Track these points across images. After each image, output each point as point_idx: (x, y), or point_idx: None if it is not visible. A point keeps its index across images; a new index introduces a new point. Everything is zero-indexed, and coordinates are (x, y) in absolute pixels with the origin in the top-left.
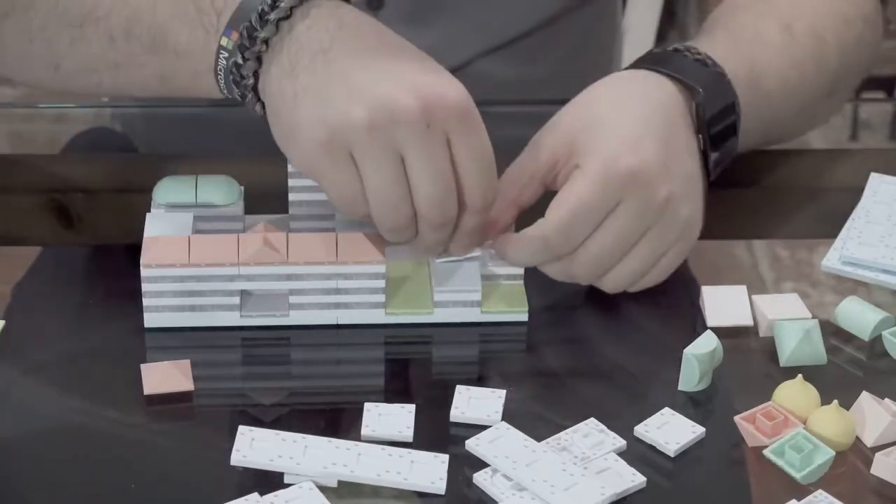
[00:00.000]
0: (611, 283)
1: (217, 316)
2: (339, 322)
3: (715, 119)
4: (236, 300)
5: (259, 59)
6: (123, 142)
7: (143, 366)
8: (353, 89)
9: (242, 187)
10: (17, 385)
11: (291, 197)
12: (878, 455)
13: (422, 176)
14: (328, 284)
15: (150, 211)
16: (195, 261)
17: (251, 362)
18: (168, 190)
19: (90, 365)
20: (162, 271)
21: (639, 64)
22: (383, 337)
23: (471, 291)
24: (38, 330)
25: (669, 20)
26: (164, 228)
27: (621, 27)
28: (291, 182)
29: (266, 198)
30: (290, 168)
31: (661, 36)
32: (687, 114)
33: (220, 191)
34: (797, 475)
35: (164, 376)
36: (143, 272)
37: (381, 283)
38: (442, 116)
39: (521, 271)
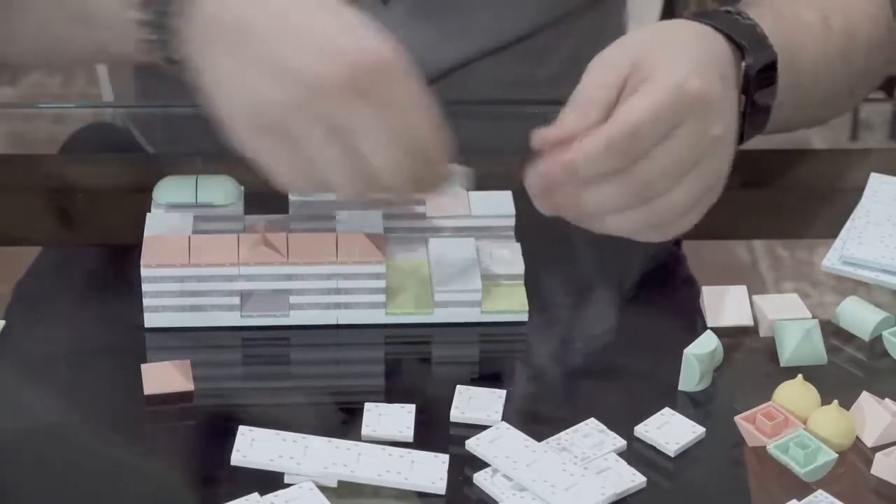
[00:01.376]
0: (655, 216)
1: (217, 316)
2: (339, 322)
3: (756, 83)
4: (236, 300)
5: (169, 35)
6: (123, 142)
7: (143, 366)
8: (271, 66)
9: (242, 187)
10: (17, 385)
11: (292, 197)
12: (878, 455)
13: (369, 148)
14: (328, 284)
15: (150, 211)
16: (195, 261)
17: (251, 362)
18: (168, 190)
19: (90, 365)
20: (162, 271)
21: (688, 17)
22: (383, 337)
23: (471, 292)
24: (38, 330)
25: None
26: (164, 228)
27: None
28: None
29: (266, 198)
30: None
31: None
32: (734, 70)
33: (220, 191)
34: (801, 471)
35: (164, 376)
36: (144, 272)
37: (382, 284)
38: (368, 80)
39: (521, 271)
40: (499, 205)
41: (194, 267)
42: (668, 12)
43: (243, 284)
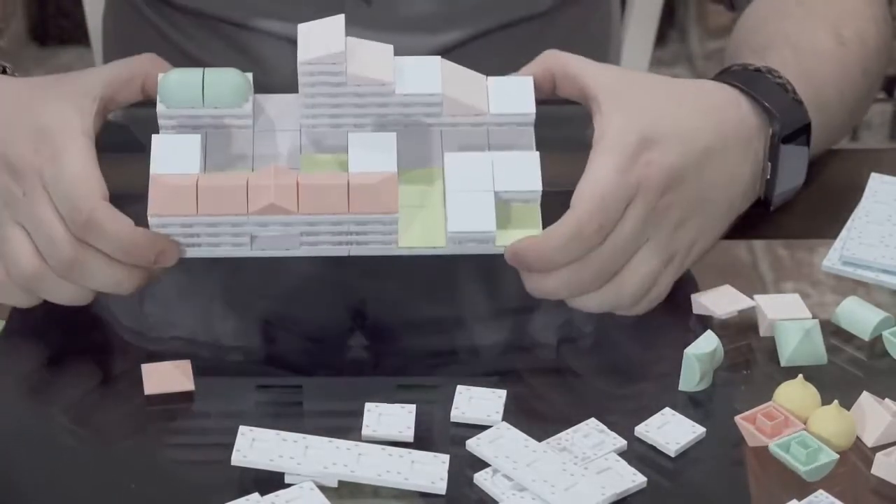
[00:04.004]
0: (617, 295)
1: (227, 250)
2: (351, 254)
3: (788, 147)
4: (246, 239)
5: None
6: (124, 141)
7: (143, 366)
8: None
9: (251, 81)
10: (18, 385)
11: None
12: (878, 455)
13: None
14: (340, 229)
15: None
16: (203, 211)
17: (251, 362)
18: (173, 88)
19: (90, 365)
20: (170, 219)
21: (719, 77)
22: (384, 337)
23: (485, 233)
24: (38, 330)
25: (669, 20)
26: (171, 157)
27: (619, 27)
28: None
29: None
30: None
31: (662, 36)
32: (751, 144)
33: (228, 88)
34: (802, 469)
35: (164, 376)
36: (151, 221)
37: (394, 230)
38: (29, 175)
39: (537, 188)
40: (519, 99)
41: (198, 216)
42: (669, 12)
43: (253, 230)
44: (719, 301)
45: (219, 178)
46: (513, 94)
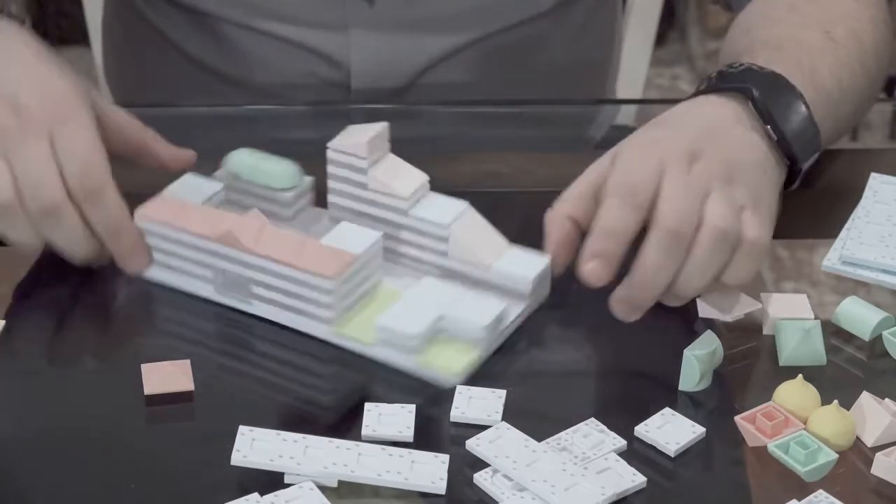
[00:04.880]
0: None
1: (194, 283)
2: (292, 327)
3: (779, 111)
4: (209, 273)
5: None
6: None
7: (143, 366)
8: None
9: (308, 178)
10: (18, 385)
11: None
12: (878, 455)
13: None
14: (285, 285)
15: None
16: (178, 224)
17: (251, 362)
18: (237, 158)
19: (90, 365)
20: (150, 225)
21: (697, 92)
22: None
23: (413, 329)
24: (38, 330)
25: (669, 20)
26: (187, 189)
27: (622, 25)
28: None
29: None
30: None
31: (661, 36)
32: (744, 117)
33: (279, 175)
34: (801, 469)
35: (164, 376)
36: (136, 217)
37: (330, 299)
38: (35, 121)
39: (481, 337)
40: (526, 267)
41: (174, 229)
42: (669, 12)
43: (214, 260)
44: (725, 304)
45: (207, 207)
46: (522, 263)
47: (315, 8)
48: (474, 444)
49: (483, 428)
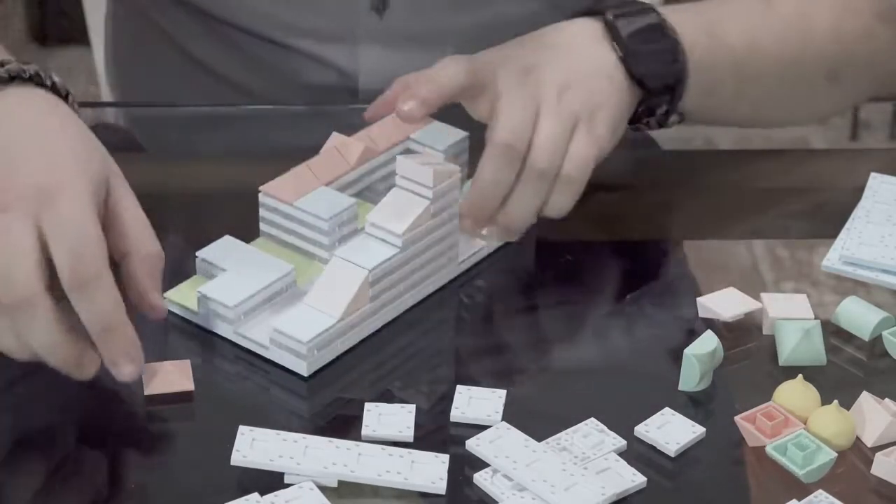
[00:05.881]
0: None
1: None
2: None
3: (629, 33)
4: None
5: None
6: (124, 141)
7: (143, 366)
8: None
9: None
10: (18, 385)
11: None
12: (878, 455)
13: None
14: None
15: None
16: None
17: (251, 362)
18: None
19: None
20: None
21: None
22: (383, 336)
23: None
24: None
25: None
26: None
27: None
28: None
29: None
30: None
31: None
32: (599, 37)
33: None
34: (799, 472)
35: (164, 376)
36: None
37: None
38: (18, 201)
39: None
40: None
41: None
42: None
43: None
44: (725, 304)
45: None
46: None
47: (325, 19)
48: (474, 444)
49: (483, 428)
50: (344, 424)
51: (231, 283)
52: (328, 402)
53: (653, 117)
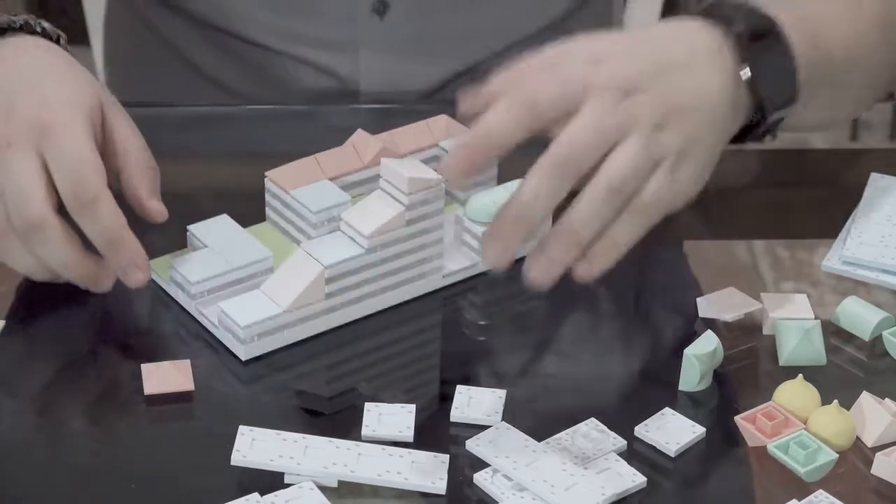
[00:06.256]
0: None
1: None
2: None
3: (758, 53)
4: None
5: None
6: None
7: (143, 366)
8: None
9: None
10: (18, 385)
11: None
12: (878, 455)
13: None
14: None
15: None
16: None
17: (251, 362)
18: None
19: (90, 365)
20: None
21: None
22: (383, 336)
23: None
24: (38, 330)
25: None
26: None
27: (623, 26)
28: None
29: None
30: None
31: None
32: (714, 52)
33: None
34: (801, 470)
35: (164, 376)
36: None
37: None
38: (19, 137)
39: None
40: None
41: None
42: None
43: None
44: (725, 304)
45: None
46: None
47: (325, 24)
48: (474, 445)
49: (483, 428)
50: (344, 424)
51: (204, 259)
52: (328, 402)
53: (749, 136)
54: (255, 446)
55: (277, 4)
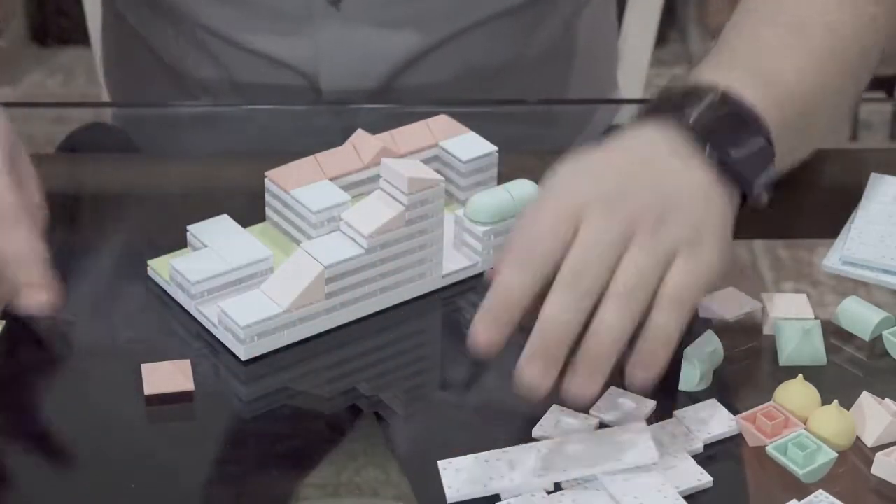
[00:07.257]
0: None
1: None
2: None
3: (720, 134)
4: None
5: None
6: (123, 141)
7: (143, 366)
8: None
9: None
10: (17, 385)
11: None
12: (878, 455)
13: None
14: None
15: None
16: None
17: (251, 362)
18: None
19: (90, 365)
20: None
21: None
22: (383, 336)
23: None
24: (38, 330)
25: (669, 20)
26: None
27: (616, 25)
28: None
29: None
30: None
31: (662, 36)
32: (680, 145)
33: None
34: (799, 471)
35: (164, 376)
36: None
37: None
38: None
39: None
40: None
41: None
42: (669, 12)
43: None
44: (725, 304)
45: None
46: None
47: (285, 20)
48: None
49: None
50: (344, 424)
51: (204, 259)
52: (327, 403)
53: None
54: (460, 476)
55: None
